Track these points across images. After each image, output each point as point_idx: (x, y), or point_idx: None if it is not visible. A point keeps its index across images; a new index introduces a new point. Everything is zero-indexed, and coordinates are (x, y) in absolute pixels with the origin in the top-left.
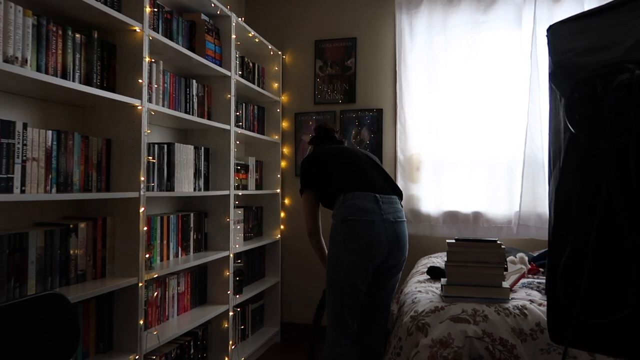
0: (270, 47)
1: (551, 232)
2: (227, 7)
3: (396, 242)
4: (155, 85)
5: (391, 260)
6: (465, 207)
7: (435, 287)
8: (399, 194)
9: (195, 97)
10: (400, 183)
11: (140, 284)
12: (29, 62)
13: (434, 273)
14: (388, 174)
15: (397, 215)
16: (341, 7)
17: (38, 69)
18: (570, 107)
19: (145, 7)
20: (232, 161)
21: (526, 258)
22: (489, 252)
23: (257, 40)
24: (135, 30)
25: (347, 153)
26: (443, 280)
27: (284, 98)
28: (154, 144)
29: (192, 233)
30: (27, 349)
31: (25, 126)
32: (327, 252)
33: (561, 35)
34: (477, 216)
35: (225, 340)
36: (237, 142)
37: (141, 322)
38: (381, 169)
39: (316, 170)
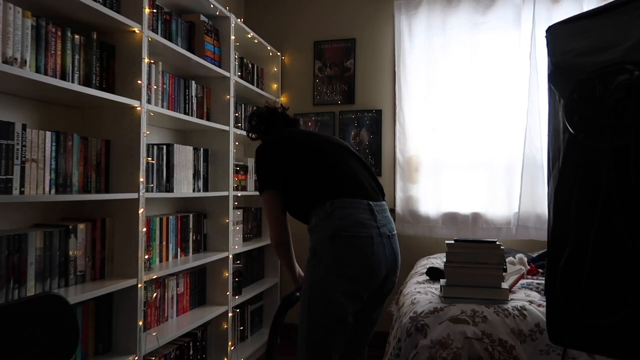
0: (269, 48)
1: (550, 233)
2: (226, 8)
3: (394, 263)
4: (155, 86)
5: (388, 284)
6: (465, 208)
7: (435, 288)
8: (384, 194)
9: (194, 98)
10: (399, 184)
11: (139, 285)
12: (28, 63)
13: (433, 274)
14: (368, 166)
15: (391, 227)
16: (340, 8)
17: (37, 70)
18: (570, 108)
19: (144, 8)
20: (232, 162)
21: (525, 259)
22: (488, 253)
23: (256, 41)
24: (134, 31)
25: (322, 141)
26: (442, 281)
27: (283, 99)
28: (153, 145)
29: (191, 234)
30: (26, 350)
31: (24, 127)
32: (303, 273)
33: (560, 36)
34: (476, 217)
35: (224, 341)
36: (236, 143)
37: (140, 323)
38: (363, 161)
39: (282, 162)
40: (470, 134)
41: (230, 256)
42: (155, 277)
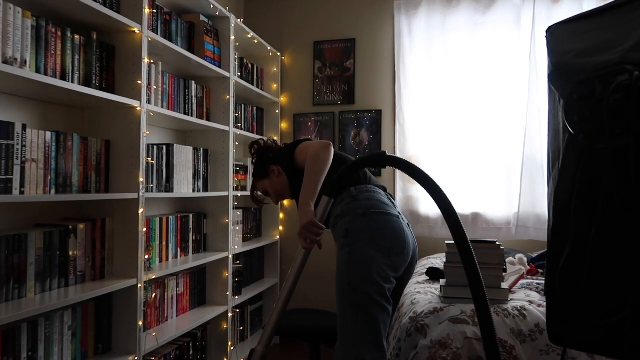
0: (269, 48)
1: (550, 233)
2: (226, 9)
3: (416, 250)
4: (155, 87)
5: (411, 269)
6: (464, 208)
7: (435, 288)
8: None
9: (194, 98)
10: (399, 184)
11: (139, 285)
12: (28, 63)
13: (433, 274)
14: None
15: (406, 217)
16: (340, 8)
17: (37, 70)
18: (570, 108)
19: (145, 9)
20: (231, 162)
21: (525, 259)
22: (488, 253)
23: (256, 41)
24: (134, 31)
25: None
26: (442, 281)
27: (283, 99)
28: (153, 145)
29: (191, 234)
30: None
31: (24, 127)
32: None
33: (560, 37)
34: (476, 217)
35: (224, 341)
36: (236, 143)
37: (140, 323)
38: None
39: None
40: (470, 134)
41: (230, 256)
42: (155, 277)
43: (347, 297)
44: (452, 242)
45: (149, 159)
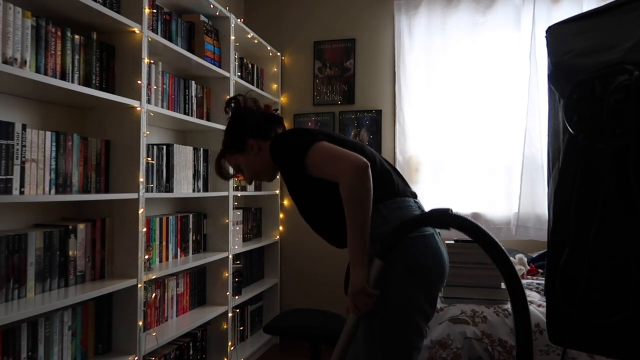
0: (269, 48)
1: (550, 233)
2: (226, 9)
3: (449, 265)
4: (154, 87)
5: (440, 290)
6: (464, 208)
7: None
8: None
9: (194, 98)
10: None
11: (139, 285)
12: (28, 63)
13: None
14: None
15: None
16: (340, 8)
17: (37, 70)
18: (570, 108)
19: (144, 8)
20: None
21: (525, 259)
22: None
23: (256, 41)
24: (134, 31)
25: (351, 140)
26: None
27: (283, 99)
28: (153, 145)
29: (191, 234)
30: None
31: (24, 127)
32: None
33: (560, 37)
34: (476, 217)
35: (224, 341)
36: None
37: (140, 323)
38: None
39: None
40: (470, 134)
41: (230, 256)
42: (155, 277)
43: (383, 344)
44: (452, 242)
45: (149, 159)
